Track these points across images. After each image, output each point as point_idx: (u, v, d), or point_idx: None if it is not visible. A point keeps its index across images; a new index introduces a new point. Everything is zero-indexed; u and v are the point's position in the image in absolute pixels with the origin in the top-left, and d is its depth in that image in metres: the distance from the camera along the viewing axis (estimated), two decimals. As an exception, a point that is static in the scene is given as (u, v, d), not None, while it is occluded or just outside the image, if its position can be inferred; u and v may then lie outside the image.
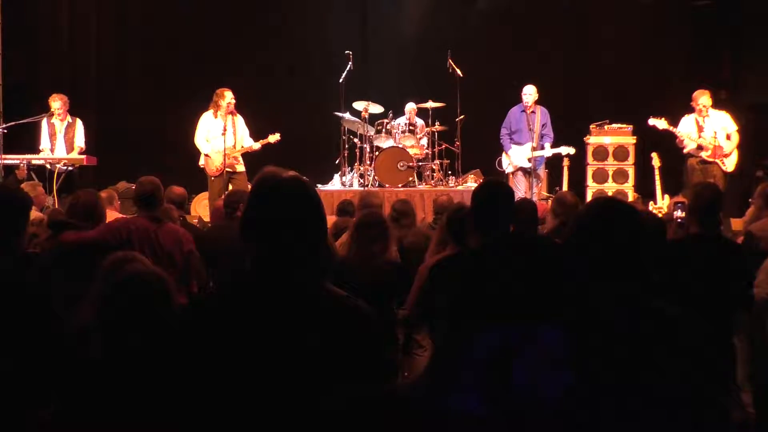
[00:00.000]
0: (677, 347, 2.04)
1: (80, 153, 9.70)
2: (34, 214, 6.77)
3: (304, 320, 1.97)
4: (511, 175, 9.95)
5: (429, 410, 1.39)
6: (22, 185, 7.72)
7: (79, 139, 9.79)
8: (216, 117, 9.55)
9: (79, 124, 9.86)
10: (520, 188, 9.68)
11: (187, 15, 12.30)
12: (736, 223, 8.20)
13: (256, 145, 9.60)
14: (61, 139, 9.72)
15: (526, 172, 9.91)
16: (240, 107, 9.69)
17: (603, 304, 2.06)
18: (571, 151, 9.89)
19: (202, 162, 9.65)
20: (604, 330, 2.03)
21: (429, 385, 1.41)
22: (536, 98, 10.01)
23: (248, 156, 9.69)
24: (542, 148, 9.96)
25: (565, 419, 1.96)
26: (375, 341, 2.03)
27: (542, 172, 10.12)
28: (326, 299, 2.03)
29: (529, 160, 9.87)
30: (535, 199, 9.23)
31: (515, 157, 10.02)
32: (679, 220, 4.98)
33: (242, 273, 2.06)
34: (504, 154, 10.17)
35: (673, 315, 2.11)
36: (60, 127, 9.74)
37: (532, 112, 9.98)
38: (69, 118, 9.79)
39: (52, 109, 9.66)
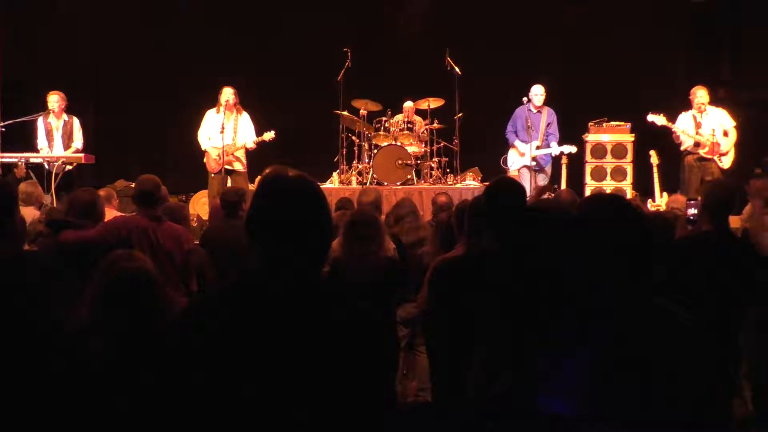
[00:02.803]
0: (682, 346, 2.04)
1: (76, 153, 9.68)
2: (33, 213, 6.77)
3: (310, 319, 1.97)
4: (517, 172, 9.93)
5: (515, 412, 1.38)
6: (22, 184, 7.70)
7: (77, 140, 9.77)
8: (218, 113, 9.61)
9: (76, 123, 9.84)
10: (530, 185, 9.65)
11: (186, 13, 12.29)
12: (734, 221, 8.19)
13: (250, 144, 9.61)
14: (58, 137, 9.70)
15: (531, 170, 9.90)
16: (241, 106, 9.72)
17: (607, 303, 2.06)
18: (573, 149, 9.89)
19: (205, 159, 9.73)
20: (609, 329, 2.04)
21: (512, 387, 1.40)
22: (544, 98, 10.00)
23: (248, 155, 9.71)
24: (548, 146, 9.95)
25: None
26: (377, 340, 2.03)
27: (549, 170, 10.10)
28: (330, 298, 2.04)
29: (534, 158, 9.85)
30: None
31: (519, 155, 10.00)
32: (691, 218, 4.99)
33: (248, 272, 2.05)
34: (510, 150, 10.14)
35: (675, 313, 2.11)
36: (57, 125, 9.71)
37: (539, 112, 9.98)
38: (65, 116, 9.77)
39: (49, 105, 9.65)
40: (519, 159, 10.00)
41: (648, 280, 2.06)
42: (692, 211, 4.99)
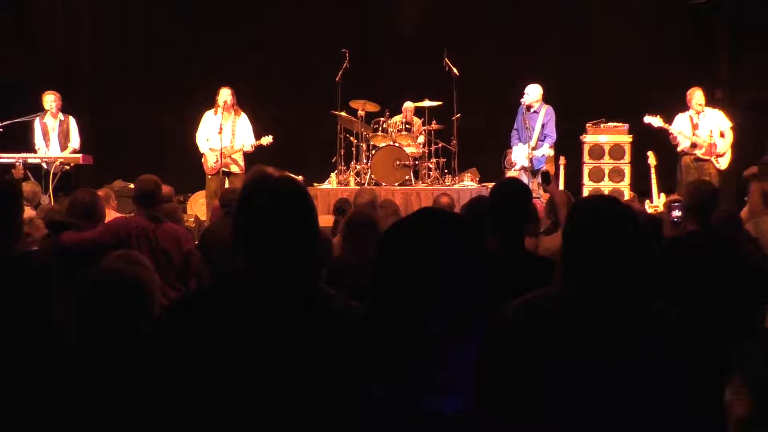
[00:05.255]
0: (676, 348, 2.05)
1: (73, 153, 9.67)
2: (27, 212, 6.78)
3: (295, 320, 1.98)
4: (517, 173, 9.90)
5: (401, 412, 1.40)
6: (25, 184, 7.71)
7: (74, 140, 9.77)
8: (216, 115, 9.60)
9: (73, 123, 9.83)
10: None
11: (185, 13, 12.29)
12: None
13: (248, 147, 9.61)
14: (55, 138, 9.69)
15: (528, 172, 9.90)
16: (239, 106, 9.72)
17: (598, 305, 2.07)
18: (550, 152, 9.87)
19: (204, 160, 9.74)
20: (600, 331, 2.05)
21: (399, 387, 1.42)
22: (538, 98, 9.97)
23: (246, 157, 9.71)
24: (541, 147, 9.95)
25: (564, 418, 1.98)
26: (362, 342, 2.04)
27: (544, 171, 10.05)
28: (317, 298, 2.04)
29: (529, 159, 9.85)
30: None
31: (517, 156, 10.00)
32: (675, 219, 5.00)
33: (233, 272, 2.06)
34: (513, 150, 10.15)
35: (673, 316, 2.12)
36: (53, 125, 9.71)
37: (534, 111, 9.97)
38: (61, 116, 9.76)
39: (45, 105, 9.65)
40: (519, 160, 9.99)
41: (636, 281, 2.08)
42: (676, 213, 4.99)
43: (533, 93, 9.94)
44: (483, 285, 1.40)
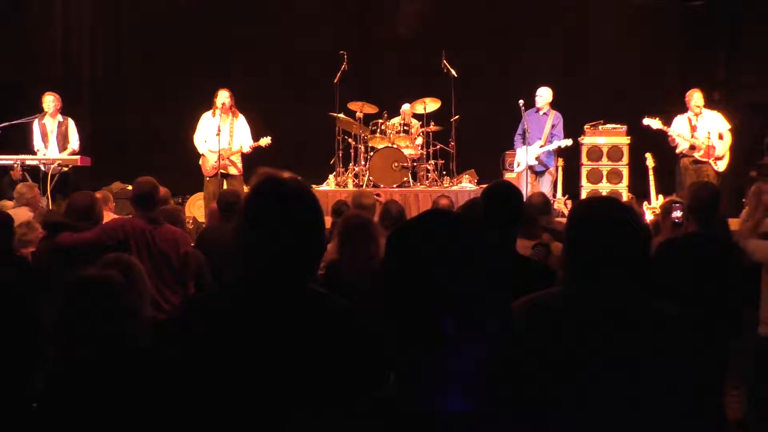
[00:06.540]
0: (676, 347, 2.05)
1: (72, 155, 9.66)
2: (26, 214, 6.77)
3: (303, 322, 1.97)
4: (520, 174, 9.88)
5: (413, 412, 1.40)
6: (19, 185, 7.70)
7: (73, 141, 9.75)
8: (214, 116, 9.58)
9: (72, 125, 9.81)
10: (526, 188, 9.58)
11: (183, 14, 12.29)
12: (731, 224, 8.21)
13: (246, 148, 9.59)
14: (53, 139, 9.68)
15: (533, 172, 9.88)
16: (237, 108, 9.71)
17: (598, 305, 2.07)
18: (569, 142, 9.87)
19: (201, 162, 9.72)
20: (600, 330, 2.05)
21: (410, 387, 1.42)
22: (549, 100, 9.98)
23: (244, 158, 9.69)
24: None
25: (568, 417, 1.98)
26: (368, 342, 2.04)
27: (553, 171, 10.04)
28: (318, 301, 2.04)
29: (537, 159, 9.83)
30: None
31: (522, 156, 9.98)
32: (676, 220, 5.00)
33: (238, 275, 2.05)
34: (517, 152, 10.13)
35: (673, 315, 2.12)
36: (52, 126, 9.69)
37: (544, 114, 9.97)
38: (60, 117, 9.75)
39: (44, 106, 9.63)
40: (523, 161, 9.97)
41: (637, 281, 2.08)
42: (677, 213, 4.99)
43: (545, 95, 9.97)
44: (493, 285, 1.40)
